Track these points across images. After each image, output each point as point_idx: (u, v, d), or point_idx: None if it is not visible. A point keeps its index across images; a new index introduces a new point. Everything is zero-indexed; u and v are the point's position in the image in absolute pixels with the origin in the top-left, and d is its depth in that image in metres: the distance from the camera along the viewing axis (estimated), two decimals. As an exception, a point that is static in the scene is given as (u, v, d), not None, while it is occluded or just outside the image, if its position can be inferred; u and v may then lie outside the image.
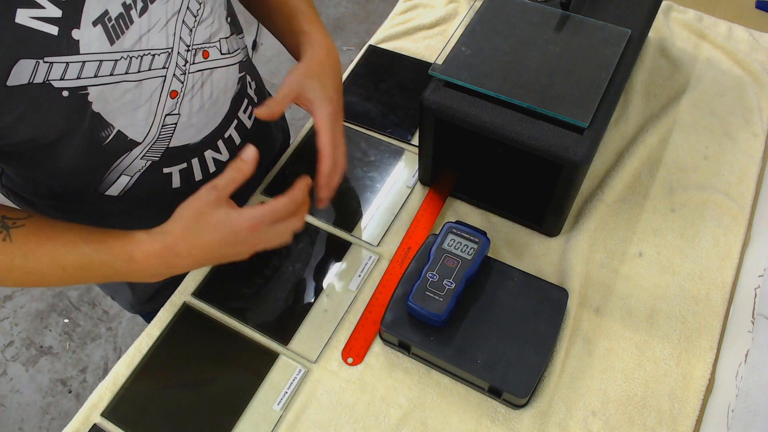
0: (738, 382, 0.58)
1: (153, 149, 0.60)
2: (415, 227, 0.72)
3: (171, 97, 0.58)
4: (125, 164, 0.60)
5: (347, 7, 2.38)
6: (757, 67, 0.85)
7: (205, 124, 0.64)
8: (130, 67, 0.52)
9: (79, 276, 0.54)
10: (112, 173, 0.60)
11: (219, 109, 0.65)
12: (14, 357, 1.59)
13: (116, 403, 0.62)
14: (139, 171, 0.61)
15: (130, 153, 0.58)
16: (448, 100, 0.62)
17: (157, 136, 0.59)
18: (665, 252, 0.70)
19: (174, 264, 0.54)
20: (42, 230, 0.53)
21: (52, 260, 0.52)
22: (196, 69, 0.60)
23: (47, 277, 0.54)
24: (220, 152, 0.68)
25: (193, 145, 0.64)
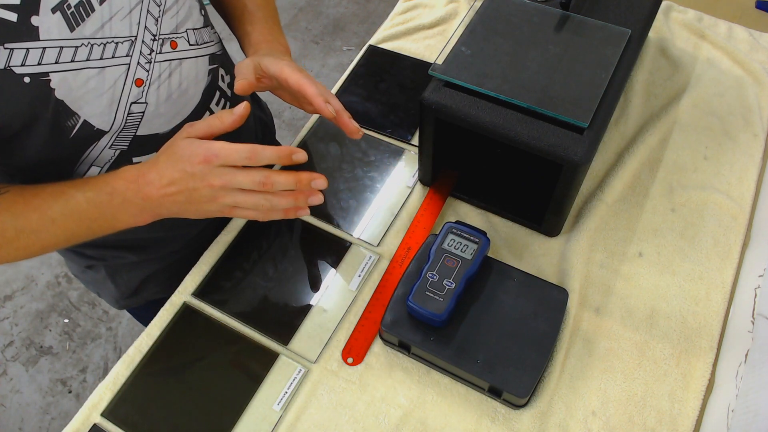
0: (738, 382, 0.58)
1: (120, 137, 0.59)
2: (415, 227, 0.72)
3: (136, 85, 0.57)
4: (94, 155, 0.59)
5: (347, 7, 2.38)
6: (757, 67, 0.85)
7: (175, 114, 0.63)
8: (92, 54, 0.52)
9: (69, 226, 0.54)
10: (83, 165, 0.60)
11: (189, 100, 0.65)
12: (14, 357, 1.59)
13: (116, 403, 0.62)
14: (108, 161, 0.61)
15: (98, 143, 0.58)
16: (448, 100, 0.62)
17: (124, 124, 0.59)
18: (665, 252, 0.70)
19: (148, 194, 0.53)
20: (26, 190, 0.54)
21: (41, 214, 0.53)
22: (164, 59, 0.59)
23: (39, 234, 0.54)
24: None
25: (162, 134, 0.63)
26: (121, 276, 0.77)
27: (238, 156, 0.52)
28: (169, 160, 0.53)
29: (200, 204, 0.55)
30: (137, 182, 0.53)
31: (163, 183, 0.53)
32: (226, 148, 0.52)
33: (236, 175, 0.53)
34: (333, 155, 0.81)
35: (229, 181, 0.53)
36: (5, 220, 0.53)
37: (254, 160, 0.53)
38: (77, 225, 0.55)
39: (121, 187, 0.54)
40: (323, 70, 2.18)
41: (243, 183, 0.53)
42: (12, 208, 0.53)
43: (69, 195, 0.54)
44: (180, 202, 0.54)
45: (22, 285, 1.72)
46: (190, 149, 0.53)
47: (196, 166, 0.52)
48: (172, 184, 0.53)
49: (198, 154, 0.52)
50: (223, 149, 0.52)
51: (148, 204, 0.54)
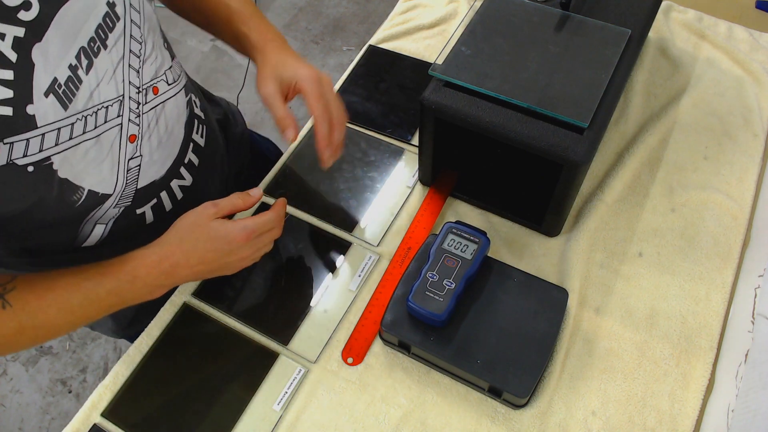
0: (738, 382, 0.58)
1: (124, 195, 0.60)
2: (415, 227, 0.72)
3: (130, 141, 0.57)
4: (99, 215, 0.59)
5: (347, 7, 2.38)
6: (757, 67, 0.85)
7: (166, 157, 0.64)
8: (87, 125, 0.52)
9: (87, 314, 0.55)
10: (87, 224, 0.60)
11: (176, 139, 0.65)
12: (14, 357, 1.59)
13: (116, 403, 0.62)
14: (113, 218, 0.61)
15: (103, 206, 0.58)
16: (448, 100, 0.62)
17: (125, 183, 0.59)
18: (665, 252, 0.70)
19: (172, 273, 0.56)
20: (35, 285, 0.53)
21: (58, 309, 0.53)
22: (149, 108, 0.59)
23: (57, 326, 0.54)
24: (184, 178, 0.68)
25: (159, 180, 0.64)
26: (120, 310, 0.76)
27: (271, 225, 0.60)
28: (199, 242, 0.56)
29: (228, 269, 0.61)
30: (160, 266, 0.56)
31: (192, 263, 0.57)
32: (260, 222, 0.59)
33: (263, 239, 0.61)
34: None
35: (258, 247, 0.61)
36: (21, 320, 0.52)
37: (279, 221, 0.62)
38: (97, 311, 0.56)
39: (142, 273, 0.55)
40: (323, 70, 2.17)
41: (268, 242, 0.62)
42: (26, 307, 0.52)
43: (86, 288, 0.54)
44: (204, 274, 0.60)
45: (22, 285, 1.72)
46: (227, 231, 0.57)
47: (235, 245, 0.57)
48: (202, 263, 0.57)
49: (238, 234, 0.57)
50: (258, 225, 0.59)
51: (170, 282, 0.58)
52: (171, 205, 0.67)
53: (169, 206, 0.67)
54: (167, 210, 0.67)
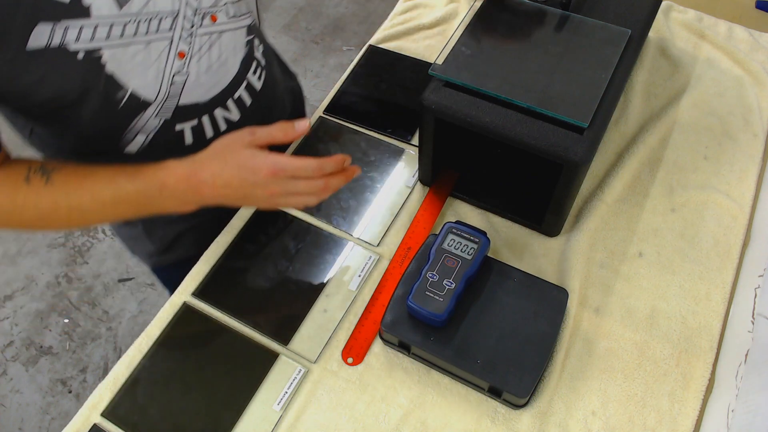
0: (738, 382, 0.58)
1: (164, 107, 0.62)
2: (415, 227, 0.72)
3: (179, 57, 0.60)
4: (141, 124, 0.62)
5: (347, 7, 2.38)
6: (757, 67, 0.85)
7: (214, 84, 0.66)
8: (138, 30, 0.55)
9: (117, 210, 0.59)
10: (129, 133, 0.63)
11: (228, 71, 0.67)
12: (14, 357, 1.59)
13: (116, 403, 0.62)
14: (153, 129, 0.64)
15: (144, 113, 0.61)
16: (448, 100, 0.62)
17: (168, 95, 0.62)
18: (665, 252, 0.70)
19: (199, 191, 0.57)
20: (79, 171, 0.58)
21: (92, 196, 0.57)
22: (204, 32, 0.62)
23: (88, 214, 0.58)
24: (230, 111, 0.70)
25: (203, 103, 0.66)
26: (157, 231, 0.79)
27: (304, 172, 0.56)
28: (227, 165, 0.55)
29: (253, 202, 0.59)
30: (189, 180, 0.56)
31: (217, 184, 0.56)
32: (294, 163, 0.55)
33: (297, 184, 0.56)
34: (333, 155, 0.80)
35: (290, 189, 0.57)
36: (58, 199, 0.56)
37: (319, 174, 0.57)
38: (126, 210, 0.59)
39: (171, 182, 0.57)
40: (323, 70, 2.18)
41: (303, 190, 0.57)
42: (65, 187, 0.57)
43: (119, 184, 0.57)
44: (230, 199, 0.58)
45: (22, 285, 1.72)
46: (255, 161, 0.55)
47: (260, 177, 0.55)
48: (227, 187, 0.56)
49: (265, 166, 0.55)
50: (290, 164, 0.55)
51: (198, 198, 0.58)
52: (212, 133, 0.69)
53: (210, 133, 0.69)
54: (207, 137, 0.69)
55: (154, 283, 1.70)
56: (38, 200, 0.56)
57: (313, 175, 0.56)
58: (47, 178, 0.57)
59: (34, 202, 0.56)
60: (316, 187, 0.57)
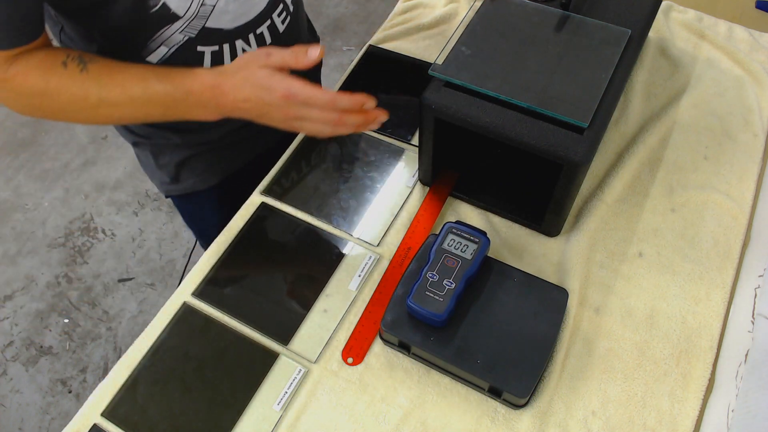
0: (738, 382, 0.58)
1: (191, 26, 0.65)
2: (415, 227, 0.72)
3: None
4: (166, 35, 0.65)
5: (347, 7, 2.38)
6: (757, 67, 0.85)
7: (240, 15, 0.68)
8: None
9: (145, 109, 0.61)
10: (154, 42, 0.66)
11: (255, 5, 0.70)
12: (14, 357, 1.59)
13: (116, 403, 0.62)
14: (176, 44, 0.67)
15: (171, 26, 0.65)
16: (448, 100, 0.62)
17: (196, 14, 0.64)
18: (665, 252, 0.70)
19: (220, 101, 0.59)
20: (113, 65, 0.61)
21: (122, 90, 0.60)
22: None
23: (117, 108, 0.61)
24: (250, 45, 0.72)
25: (226, 30, 0.68)
26: (163, 157, 0.83)
27: (317, 101, 0.57)
28: (246, 82, 0.57)
29: (270, 120, 0.60)
30: (213, 90, 0.59)
31: (237, 98, 0.58)
32: (307, 91, 0.56)
33: (311, 111, 0.57)
34: (333, 155, 0.81)
35: (303, 114, 0.58)
36: (90, 87, 0.59)
37: (332, 108, 0.57)
38: (153, 109, 0.61)
39: (197, 89, 0.59)
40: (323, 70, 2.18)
41: (316, 118, 0.58)
42: (98, 78, 0.60)
43: (149, 83, 0.60)
44: (250, 114, 0.60)
45: (22, 285, 1.72)
46: (270, 81, 0.56)
47: (274, 98, 0.56)
48: (246, 101, 0.58)
49: (279, 88, 0.56)
50: (303, 91, 0.56)
51: (220, 109, 0.60)
52: (230, 61, 0.71)
53: (228, 61, 0.71)
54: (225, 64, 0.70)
55: (154, 283, 1.70)
56: (71, 85, 0.59)
57: (326, 106, 0.57)
58: (83, 66, 0.59)
59: (67, 87, 0.59)
60: (330, 119, 0.58)
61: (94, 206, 1.88)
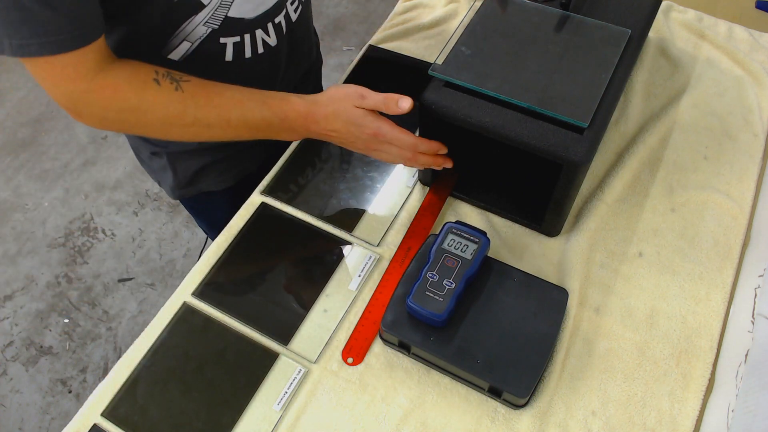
0: (738, 382, 0.58)
1: (214, 16, 0.65)
2: (415, 227, 0.72)
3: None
4: (189, 29, 0.65)
5: (347, 7, 2.38)
6: (757, 67, 0.85)
7: (260, 3, 0.69)
8: None
9: (240, 131, 0.64)
10: (177, 38, 0.66)
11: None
12: (14, 357, 1.59)
13: (116, 403, 0.62)
14: (199, 38, 0.67)
15: (196, 17, 0.64)
16: (448, 100, 0.62)
17: (220, 2, 0.64)
18: (665, 252, 0.70)
19: (310, 128, 0.65)
20: (208, 86, 0.62)
21: (219, 113, 0.62)
22: None
23: (213, 129, 0.63)
24: (269, 35, 0.73)
25: (248, 20, 0.69)
26: (181, 164, 0.83)
27: (400, 143, 0.63)
28: (339, 117, 0.63)
29: (352, 147, 0.67)
30: (306, 118, 0.64)
31: (327, 128, 0.64)
32: (394, 133, 0.63)
33: (392, 148, 0.64)
34: (333, 155, 0.81)
35: (385, 149, 0.65)
36: (188, 106, 0.61)
37: (413, 149, 0.64)
38: (246, 131, 0.64)
39: (292, 116, 0.64)
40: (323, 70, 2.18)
41: (395, 154, 0.65)
42: (194, 98, 0.61)
43: (247, 108, 0.63)
44: (335, 141, 0.66)
45: (22, 285, 1.72)
46: (363, 120, 0.62)
47: (364, 134, 0.63)
48: (334, 131, 0.64)
49: (370, 127, 0.63)
50: (391, 134, 0.63)
51: (308, 134, 0.66)
52: (250, 53, 0.72)
53: (249, 54, 0.72)
54: (246, 56, 0.72)
55: (154, 283, 1.70)
56: (168, 104, 0.60)
57: (407, 148, 0.64)
58: (177, 85, 0.61)
59: (163, 105, 0.60)
60: (406, 157, 0.65)
61: (94, 206, 1.88)
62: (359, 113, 0.62)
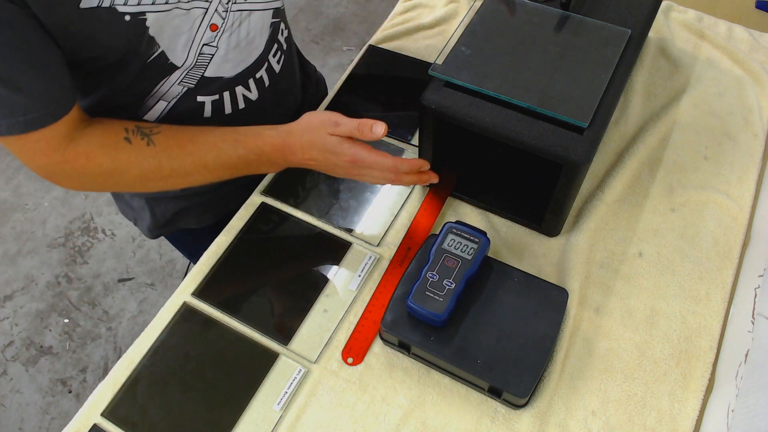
0: (738, 382, 0.58)
1: (189, 75, 0.65)
2: (415, 227, 0.72)
3: (211, 29, 0.62)
4: (164, 89, 0.65)
5: (347, 7, 2.38)
6: (757, 67, 0.85)
7: (240, 61, 0.68)
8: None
9: (219, 173, 0.64)
10: (152, 98, 0.65)
11: (254, 50, 0.69)
12: (14, 357, 1.59)
13: (116, 403, 0.62)
14: (175, 97, 0.66)
15: (170, 77, 0.63)
16: (448, 100, 0.62)
17: (194, 63, 0.64)
18: (665, 252, 0.70)
19: (288, 158, 0.65)
20: (179, 134, 0.62)
21: (194, 159, 0.62)
22: (237, 8, 0.64)
23: (192, 176, 0.63)
24: (250, 90, 0.72)
25: (227, 78, 0.68)
26: (159, 206, 0.82)
27: (380, 166, 0.63)
28: (314, 145, 0.62)
29: (333, 174, 0.66)
30: (282, 150, 0.64)
31: (305, 156, 0.64)
32: (372, 157, 0.62)
33: (373, 171, 0.64)
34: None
35: (366, 173, 0.64)
36: (162, 159, 0.60)
37: (393, 170, 0.63)
38: (224, 172, 0.64)
39: (268, 150, 0.64)
40: (323, 70, 2.18)
41: (377, 177, 0.64)
42: (167, 150, 0.61)
43: (222, 150, 0.62)
44: (315, 168, 0.66)
45: (22, 285, 1.72)
46: (340, 148, 0.62)
47: (341, 161, 0.62)
48: (312, 160, 0.64)
49: (347, 154, 0.62)
50: (370, 158, 0.62)
51: (288, 164, 0.66)
52: (230, 110, 0.71)
53: (229, 110, 0.71)
54: (226, 113, 0.71)
55: (154, 283, 1.70)
56: (142, 161, 0.60)
57: (389, 170, 0.63)
58: (148, 139, 0.60)
59: (138, 162, 0.60)
60: (388, 179, 0.65)
61: (94, 206, 1.88)
62: (334, 141, 0.61)
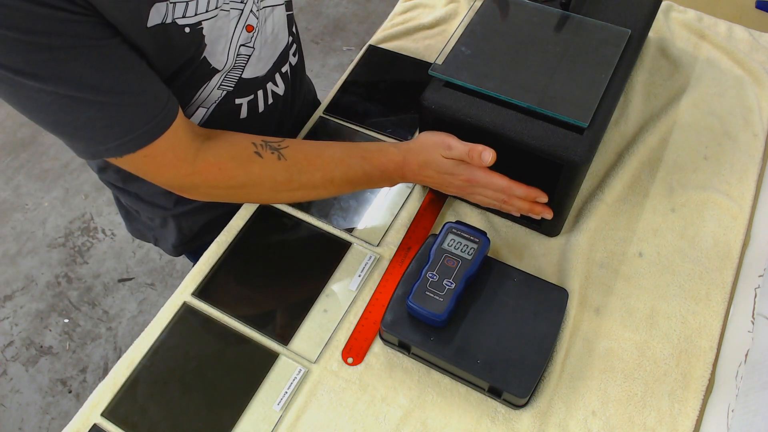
0: (738, 382, 0.58)
1: (228, 78, 0.66)
2: (415, 227, 0.72)
3: (247, 30, 0.63)
4: (204, 95, 0.65)
5: (347, 7, 2.38)
6: (757, 67, 0.85)
7: (269, 58, 0.70)
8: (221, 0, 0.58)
9: (342, 188, 0.66)
10: (193, 106, 0.66)
11: (278, 44, 0.71)
12: (14, 357, 1.59)
13: (116, 403, 0.62)
14: (215, 102, 0.67)
15: (209, 82, 0.64)
16: (448, 100, 0.62)
17: (233, 65, 0.64)
18: (665, 252, 0.70)
19: (405, 175, 0.67)
20: (305, 149, 0.64)
21: (322, 174, 0.64)
22: (264, 5, 0.65)
23: (318, 189, 0.65)
24: (278, 85, 0.74)
25: (261, 77, 0.70)
26: (186, 220, 0.81)
27: (494, 188, 0.65)
28: (430, 165, 0.65)
29: (446, 191, 0.69)
30: (402, 168, 0.66)
31: (422, 174, 0.66)
32: (487, 180, 0.64)
33: (485, 192, 0.66)
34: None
35: (479, 193, 0.67)
36: (293, 173, 0.63)
37: (507, 195, 0.65)
38: (348, 187, 0.67)
39: (390, 168, 0.66)
40: (323, 70, 2.18)
41: (490, 196, 0.66)
42: (297, 164, 0.63)
43: (349, 166, 0.64)
44: (428, 184, 0.69)
45: (22, 285, 1.72)
46: (455, 169, 0.64)
47: (457, 180, 0.65)
48: (428, 178, 0.67)
49: (463, 175, 0.64)
50: (483, 179, 0.64)
51: (403, 180, 0.69)
52: (263, 107, 0.73)
53: (262, 107, 0.73)
54: (260, 111, 0.73)
55: (154, 283, 1.70)
56: (275, 174, 0.62)
57: (501, 191, 0.65)
58: (278, 154, 0.62)
59: (271, 176, 0.62)
60: (500, 199, 0.66)
61: (94, 206, 1.88)
62: (449, 164, 0.64)
